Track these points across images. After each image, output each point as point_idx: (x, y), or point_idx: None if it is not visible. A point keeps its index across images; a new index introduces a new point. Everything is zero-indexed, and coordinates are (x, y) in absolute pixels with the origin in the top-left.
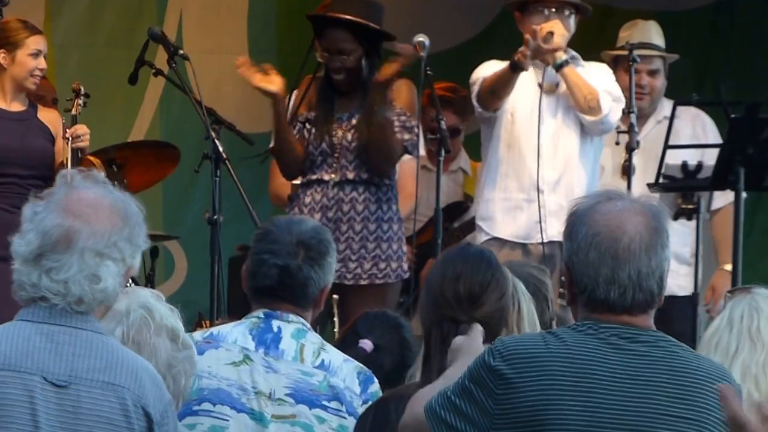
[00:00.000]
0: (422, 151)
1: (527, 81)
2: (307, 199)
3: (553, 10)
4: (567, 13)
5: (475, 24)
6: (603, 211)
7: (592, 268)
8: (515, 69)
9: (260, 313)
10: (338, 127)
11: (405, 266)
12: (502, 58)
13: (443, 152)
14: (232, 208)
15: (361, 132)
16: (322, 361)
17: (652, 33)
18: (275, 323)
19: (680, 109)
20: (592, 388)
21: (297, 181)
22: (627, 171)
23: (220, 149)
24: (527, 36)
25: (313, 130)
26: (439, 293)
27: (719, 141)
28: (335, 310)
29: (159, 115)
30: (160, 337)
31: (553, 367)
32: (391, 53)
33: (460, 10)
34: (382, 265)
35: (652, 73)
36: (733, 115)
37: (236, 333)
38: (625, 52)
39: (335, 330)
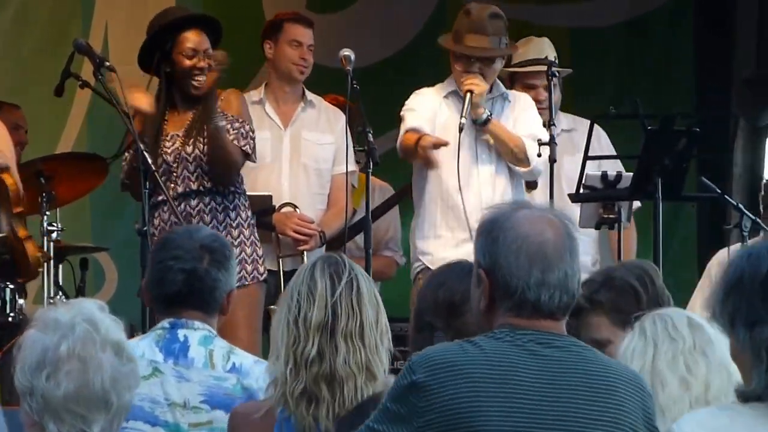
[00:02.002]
0: (352, 166)
1: (451, 124)
2: (156, 221)
3: (477, 61)
4: (496, 62)
5: (396, 42)
6: (522, 218)
7: (523, 271)
8: (417, 150)
9: (165, 323)
10: (176, 141)
11: (261, 269)
12: (421, 76)
13: (371, 164)
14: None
15: (195, 144)
16: (233, 364)
17: (545, 48)
18: (181, 332)
19: (577, 122)
20: (512, 394)
21: None
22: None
23: (149, 161)
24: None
25: (152, 151)
26: (422, 299)
27: (612, 152)
28: None
29: (86, 126)
30: (105, 352)
31: (474, 375)
32: None
33: (380, 28)
34: (238, 269)
35: (547, 87)
36: (649, 128)
37: (143, 346)
38: (524, 69)
39: None
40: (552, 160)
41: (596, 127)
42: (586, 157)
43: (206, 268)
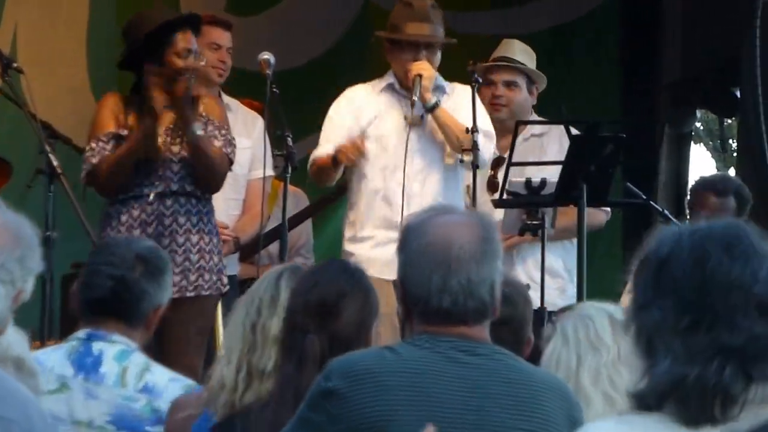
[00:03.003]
0: (270, 171)
1: (395, 115)
2: (124, 218)
3: (424, 50)
4: (436, 50)
5: (322, 42)
6: (434, 224)
7: (425, 278)
8: (336, 165)
9: (82, 333)
10: (162, 140)
11: (225, 279)
12: (346, 78)
13: (290, 169)
14: (66, 224)
15: (181, 144)
16: (146, 383)
17: (513, 49)
18: (97, 345)
19: (549, 127)
20: (430, 402)
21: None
22: (493, 186)
23: (55, 164)
24: (409, 71)
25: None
26: (294, 300)
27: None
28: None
29: None
30: (6, 366)
31: (390, 382)
32: None
33: (303, 30)
34: (207, 277)
35: (508, 84)
36: (575, 134)
37: (54, 358)
38: (484, 65)
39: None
40: (474, 166)
41: (562, 133)
42: (510, 163)
43: (136, 278)
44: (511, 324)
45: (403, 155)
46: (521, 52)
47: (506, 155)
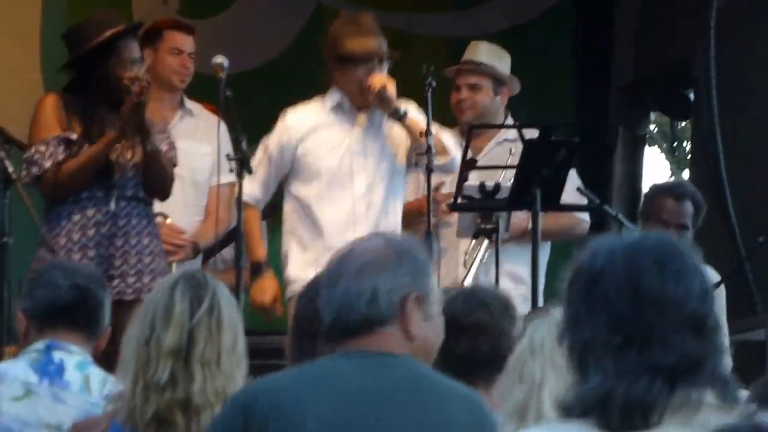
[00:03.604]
0: (231, 177)
1: (342, 136)
2: (76, 217)
3: (376, 63)
4: (385, 63)
5: (275, 44)
6: (350, 247)
7: (320, 296)
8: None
9: (39, 345)
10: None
11: None
12: (300, 80)
13: (244, 173)
14: (21, 230)
15: (135, 150)
16: (109, 392)
17: (478, 51)
18: (57, 354)
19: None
20: (341, 412)
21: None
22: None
23: (10, 169)
24: (369, 86)
25: (86, 148)
26: (300, 309)
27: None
28: None
29: None
30: None
31: (303, 395)
32: None
33: (255, 34)
34: (159, 279)
35: (472, 87)
36: (527, 138)
37: (18, 367)
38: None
39: None
40: (429, 169)
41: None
42: (464, 167)
43: (96, 289)
44: (485, 330)
45: (347, 182)
46: (487, 54)
47: (477, 157)
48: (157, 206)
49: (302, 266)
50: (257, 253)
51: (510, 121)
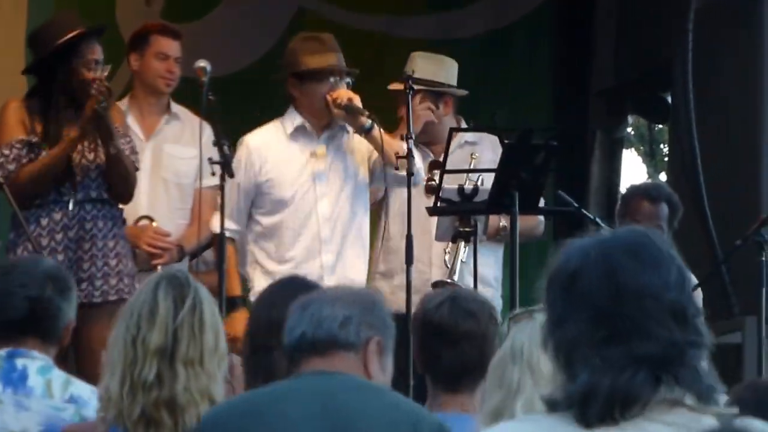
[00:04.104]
0: (216, 180)
1: (297, 164)
2: (44, 221)
3: (338, 78)
4: (347, 79)
5: (258, 49)
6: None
7: (291, 320)
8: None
9: (1, 353)
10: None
11: (137, 284)
12: (281, 84)
13: (226, 177)
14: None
15: (97, 151)
16: (71, 394)
17: (416, 63)
18: (19, 361)
19: (482, 135)
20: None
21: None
22: (429, 190)
23: None
24: (335, 99)
25: (45, 152)
26: (254, 321)
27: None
28: None
29: None
30: None
31: (245, 420)
32: None
33: (237, 37)
34: (126, 281)
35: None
36: (507, 141)
37: None
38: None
39: None
40: (409, 173)
41: (495, 141)
42: (443, 171)
43: (50, 297)
44: (473, 339)
45: (311, 206)
46: (424, 61)
47: (441, 159)
48: (142, 210)
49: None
50: (234, 288)
51: (463, 124)
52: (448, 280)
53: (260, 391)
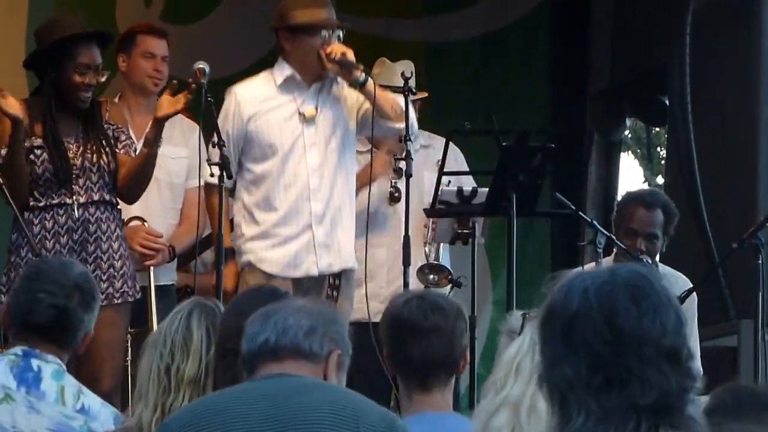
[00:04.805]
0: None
1: (292, 109)
2: (49, 224)
3: (331, 32)
4: (338, 33)
5: (256, 51)
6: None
7: (252, 330)
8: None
9: (18, 350)
10: (68, 149)
11: (138, 286)
12: None
13: (225, 178)
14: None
15: (99, 152)
16: (83, 405)
17: (398, 73)
18: (35, 362)
19: (433, 138)
20: (233, 415)
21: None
22: (393, 197)
23: None
24: (329, 52)
25: (45, 154)
26: (224, 328)
27: (466, 168)
28: None
29: None
30: None
31: (193, 409)
32: None
33: (236, 39)
34: (130, 283)
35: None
36: (504, 143)
37: None
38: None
39: None
40: (408, 174)
41: (451, 144)
42: (442, 173)
43: (75, 307)
44: (441, 333)
45: (299, 156)
46: (407, 67)
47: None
48: (135, 210)
49: (252, 239)
50: (226, 240)
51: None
52: (434, 262)
53: (214, 395)
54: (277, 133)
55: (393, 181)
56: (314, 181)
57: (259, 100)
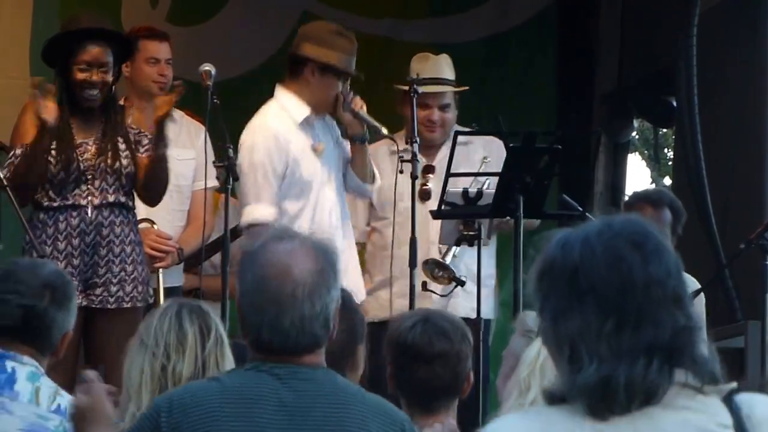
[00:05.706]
0: (213, 182)
1: (307, 149)
2: (62, 225)
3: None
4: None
5: (262, 52)
6: (271, 253)
7: (258, 313)
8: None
9: None
10: (86, 150)
11: (151, 290)
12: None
13: (231, 180)
14: (11, 235)
15: (117, 155)
16: (59, 405)
17: (444, 67)
18: (9, 364)
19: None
20: (250, 424)
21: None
22: (423, 196)
23: (0, 175)
24: (352, 101)
25: (62, 155)
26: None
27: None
28: None
29: None
30: None
31: (216, 412)
32: None
33: (242, 41)
34: (141, 288)
35: (443, 107)
36: (511, 145)
37: None
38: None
39: None
40: (413, 176)
41: (496, 139)
42: (449, 174)
43: (45, 307)
44: (446, 359)
45: (321, 191)
46: (449, 69)
47: (434, 163)
48: (143, 212)
49: None
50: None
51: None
52: (441, 260)
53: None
54: (309, 171)
55: (424, 180)
56: (335, 217)
57: (290, 135)
